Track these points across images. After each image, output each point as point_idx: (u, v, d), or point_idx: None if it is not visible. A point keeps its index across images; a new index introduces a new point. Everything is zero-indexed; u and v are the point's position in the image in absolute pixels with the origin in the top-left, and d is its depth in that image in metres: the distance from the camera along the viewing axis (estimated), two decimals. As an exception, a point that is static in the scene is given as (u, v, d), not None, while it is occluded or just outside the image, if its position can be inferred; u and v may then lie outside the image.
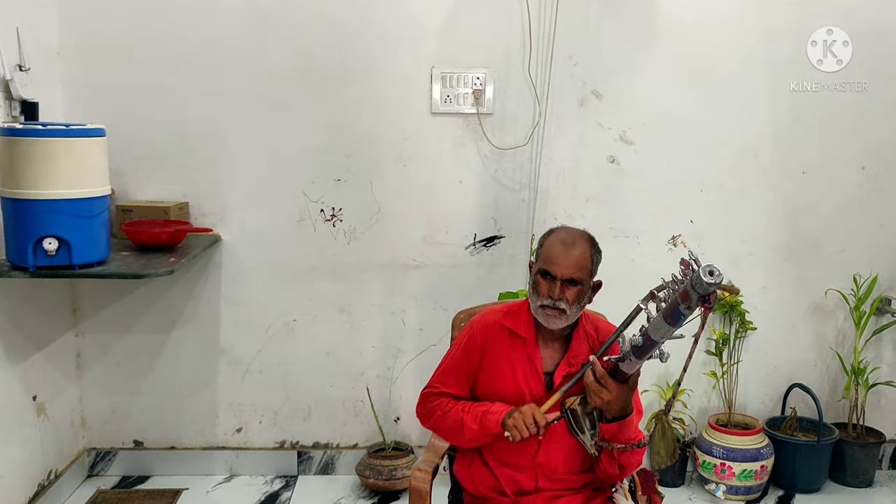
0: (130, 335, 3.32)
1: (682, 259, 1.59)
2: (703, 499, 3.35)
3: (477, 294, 3.34)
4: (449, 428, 2.10)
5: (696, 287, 1.54)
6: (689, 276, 1.57)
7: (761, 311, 3.47)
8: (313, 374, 3.42)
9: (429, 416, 2.15)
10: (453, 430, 2.08)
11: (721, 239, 3.39)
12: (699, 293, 1.55)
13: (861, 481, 3.48)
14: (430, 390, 2.17)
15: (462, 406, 2.08)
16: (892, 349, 3.59)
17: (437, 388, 2.15)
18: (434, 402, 2.14)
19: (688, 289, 1.56)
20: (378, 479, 3.23)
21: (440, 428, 2.13)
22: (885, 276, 3.49)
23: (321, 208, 3.30)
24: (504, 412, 1.97)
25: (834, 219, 3.45)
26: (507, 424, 1.94)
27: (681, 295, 1.59)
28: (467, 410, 2.06)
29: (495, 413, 1.99)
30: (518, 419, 1.92)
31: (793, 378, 3.54)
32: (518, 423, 1.91)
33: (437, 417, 2.11)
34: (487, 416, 2.00)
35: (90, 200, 2.59)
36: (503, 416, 1.97)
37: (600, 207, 3.36)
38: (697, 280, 1.53)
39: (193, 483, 3.35)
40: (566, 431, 2.02)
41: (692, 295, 1.56)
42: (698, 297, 1.57)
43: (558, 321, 2.01)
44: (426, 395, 2.18)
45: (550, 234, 2.07)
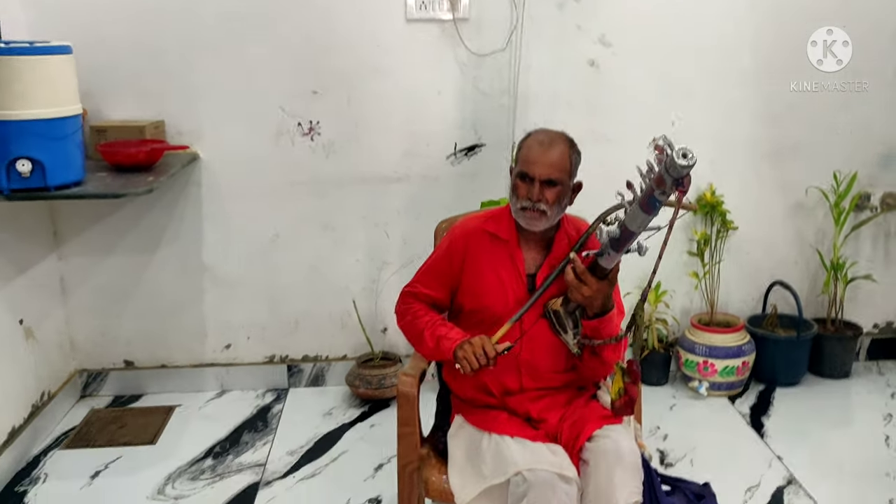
0: (113, 257, 3.31)
1: (656, 144, 1.58)
2: (687, 396, 3.44)
3: (459, 204, 3.33)
4: (413, 336, 2.14)
5: (671, 171, 1.54)
6: (663, 162, 1.56)
7: (743, 211, 3.48)
8: (299, 289, 3.44)
9: (402, 315, 2.18)
10: (416, 339, 2.13)
11: (702, 140, 3.37)
12: (673, 177, 1.55)
13: (839, 373, 3.58)
14: (410, 289, 2.19)
15: (429, 319, 2.10)
16: (871, 244, 3.64)
17: (416, 287, 2.17)
18: (408, 305, 2.17)
19: (662, 174, 1.56)
20: (368, 388, 3.29)
21: (407, 332, 2.17)
22: (865, 172, 3.50)
23: (298, 122, 3.25)
24: (458, 341, 1.99)
25: (815, 118, 3.43)
26: (457, 356, 1.96)
27: (655, 181, 1.59)
28: (430, 326, 2.08)
29: (451, 340, 2.01)
30: (468, 351, 1.93)
31: (774, 276, 3.60)
32: (468, 355, 1.93)
33: (407, 321, 2.15)
34: (443, 341, 2.02)
35: (61, 120, 2.54)
36: (455, 346, 1.98)
37: (581, 112, 3.33)
38: (671, 163, 1.53)
39: (186, 399, 3.41)
40: (549, 332, 2.05)
41: (666, 179, 1.56)
42: (672, 182, 1.56)
43: (539, 223, 2.01)
44: (406, 293, 2.20)
45: (528, 137, 2.05)
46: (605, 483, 1.83)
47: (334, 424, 3.21)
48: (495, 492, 1.91)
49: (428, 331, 2.07)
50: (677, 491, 2.05)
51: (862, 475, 2.82)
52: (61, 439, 3.08)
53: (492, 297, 2.08)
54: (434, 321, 2.10)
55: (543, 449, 1.94)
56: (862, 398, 3.43)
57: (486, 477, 1.92)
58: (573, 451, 1.95)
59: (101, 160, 2.97)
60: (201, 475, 2.83)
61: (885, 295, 3.71)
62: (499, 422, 2.05)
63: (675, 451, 2.98)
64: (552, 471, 1.85)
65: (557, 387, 2.11)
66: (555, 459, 1.89)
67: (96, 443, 3.05)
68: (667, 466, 2.86)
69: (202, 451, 3.00)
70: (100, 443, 3.05)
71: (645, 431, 3.08)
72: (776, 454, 2.95)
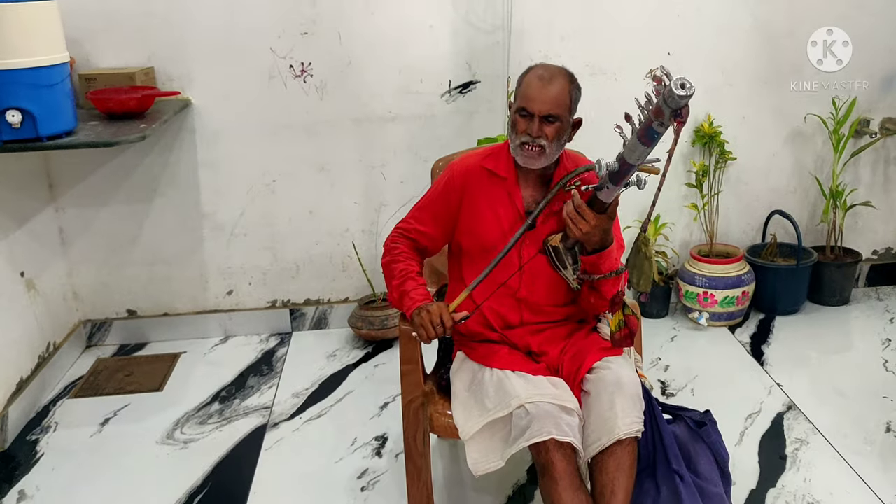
0: (111, 207, 3.30)
1: (654, 75, 1.56)
2: (687, 327, 3.46)
3: (456, 142, 3.31)
4: (386, 279, 2.13)
5: (669, 102, 1.52)
6: (661, 93, 1.54)
7: (741, 141, 3.46)
8: (298, 233, 3.44)
9: (387, 252, 2.16)
10: (387, 283, 2.12)
11: (700, 69, 3.33)
12: (671, 108, 1.53)
13: (838, 300, 3.60)
14: (404, 225, 2.18)
15: (402, 268, 2.08)
16: (870, 170, 3.62)
17: (411, 224, 2.16)
18: (394, 244, 2.15)
19: (660, 105, 1.54)
20: (371, 329, 3.32)
21: (384, 273, 2.15)
22: (864, 98, 3.46)
23: (290, 64, 3.20)
24: (418, 304, 1.97)
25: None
26: (414, 322, 1.95)
27: (653, 112, 1.57)
28: (400, 276, 2.07)
29: (412, 300, 1.99)
30: (425, 318, 1.92)
31: (773, 205, 3.59)
32: (425, 322, 1.91)
33: (386, 262, 2.14)
34: (405, 299, 2.02)
35: (49, 69, 2.50)
36: (414, 309, 1.97)
37: (576, 45, 3.28)
38: (669, 94, 1.51)
39: (190, 346, 3.44)
40: (548, 268, 2.05)
41: (665, 110, 1.54)
42: (671, 112, 1.55)
43: (538, 160, 1.99)
44: (398, 229, 2.18)
45: (528, 72, 2.01)
46: (607, 412, 1.86)
47: (339, 366, 3.24)
48: (498, 425, 1.94)
49: (396, 280, 2.07)
50: (678, 419, 2.08)
51: (860, 399, 2.85)
52: (69, 388, 3.12)
53: (489, 235, 2.08)
54: (406, 272, 2.07)
55: (545, 382, 1.96)
56: (861, 324, 3.46)
57: (488, 410, 1.94)
58: (574, 383, 1.97)
59: (92, 109, 2.94)
60: (209, 419, 2.87)
61: (885, 221, 3.71)
62: (500, 356, 2.07)
63: (677, 381, 3.01)
64: (554, 402, 1.87)
65: (557, 320, 2.13)
66: (556, 392, 1.92)
67: (104, 391, 3.09)
68: (668, 396, 2.90)
69: (209, 396, 3.04)
70: (108, 391, 3.09)
71: (646, 363, 3.11)
72: (776, 381, 2.99)
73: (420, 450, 2.19)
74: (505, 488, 2.44)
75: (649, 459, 1.97)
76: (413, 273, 2.08)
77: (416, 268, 2.10)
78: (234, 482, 2.52)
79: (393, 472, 2.53)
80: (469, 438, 1.96)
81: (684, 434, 2.04)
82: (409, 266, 2.09)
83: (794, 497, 2.35)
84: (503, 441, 1.93)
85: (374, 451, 2.65)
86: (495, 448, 1.94)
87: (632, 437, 1.85)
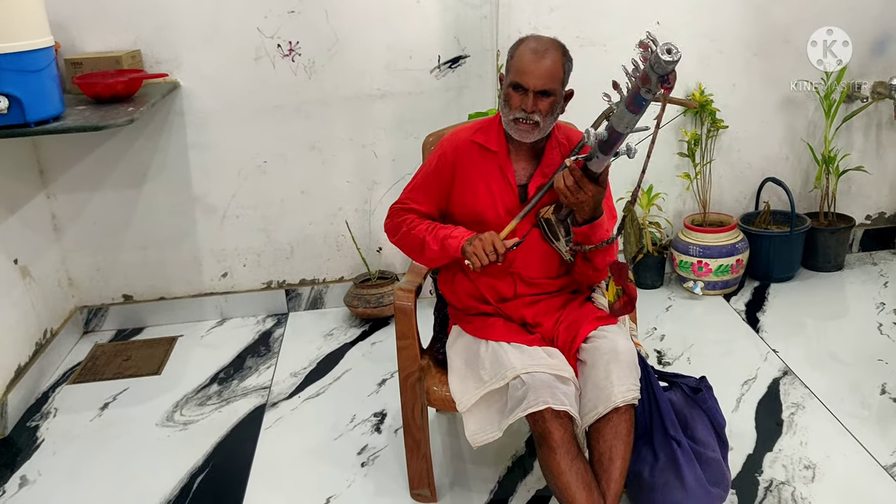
0: (102, 192, 3.29)
1: (640, 41, 1.55)
2: (682, 296, 3.47)
3: (446, 118, 3.30)
4: (411, 245, 2.12)
5: (656, 67, 1.52)
6: (648, 59, 1.54)
7: (733, 109, 3.46)
8: (291, 214, 3.43)
9: (395, 230, 2.16)
10: (415, 247, 2.11)
11: (689, 38, 3.32)
12: (658, 74, 1.53)
13: (832, 265, 3.61)
14: (400, 205, 2.18)
15: (426, 225, 2.09)
16: (862, 135, 3.62)
17: (407, 204, 2.16)
18: (401, 218, 2.15)
19: (647, 71, 1.54)
20: (367, 307, 3.32)
21: (404, 244, 2.15)
22: (855, 62, 3.45)
23: (278, 43, 3.18)
24: (466, 237, 1.98)
25: (803, 8, 3.36)
26: (466, 251, 1.95)
27: (640, 78, 1.57)
28: (430, 231, 2.07)
29: (456, 238, 2.00)
30: (478, 246, 1.93)
31: (766, 173, 3.59)
32: (478, 250, 1.92)
33: (403, 233, 2.13)
34: (448, 240, 2.01)
35: (33, 53, 2.48)
36: (464, 241, 1.97)
37: (565, 16, 3.26)
38: (656, 60, 1.50)
39: (187, 330, 3.44)
40: (541, 240, 2.05)
41: (652, 77, 1.54)
42: (658, 78, 1.54)
43: (531, 134, 1.98)
44: (395, 209, 2.18)
45: (520, 45, 1.99)
46: (603, 380, 1.87)
47: (336, 344, 3.25)
48: (495, 396, 1.96)
49: (429, 235, 2.06)
50: (674, 387, 2.10)
51: (856, 362, 2.87)
52: (68, 374, 3.13)
53: (482, 209, 2.08)
54: (433, 226, 2.08)
55: (540, 352, 1.97)
56: (855, 288, 3.47)
57: (485, 382, 1.95)
58: (570, 353, 1.98)
59: (79, 93, 2.93)
60: (208, 401, 2.88)
61: (877, 185, 3.71)
62: (495, 329, 2.08)
63: (673, 350, 3.03)
64: (550, 372, 1.88)
65: (551, 292, 2.13)
66: (552, 362, 1.92)
67: (103, 376, 3.10)
68: (665, 366, 2.91)
69: (207, 377, 3.05)
70: (106, 376, 3.10)
71: (641, 333, 3.13)
72: (772, 348, 3.00)
73: (418, 423, 2.20)
74: (504, 460, 2.46)
75: (646, 427, 1.98)
76: (439, 225, 2.08)
77: (436, 222, 2.11)
78: (235, 461, 2.53)
79: (392, 447, 2.55)
80: (466, 411, 1.98)
81: (680, 401, 2.06)
82: (429, 223, 2.10)
83: (791, 461, 2.37)
84: (500, 412, 1.95)
85: (373, 427, 2.67)
86: (492, 419, 1.96)
87: (628, 404, 1.86)
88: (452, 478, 2.40)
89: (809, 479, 2.28)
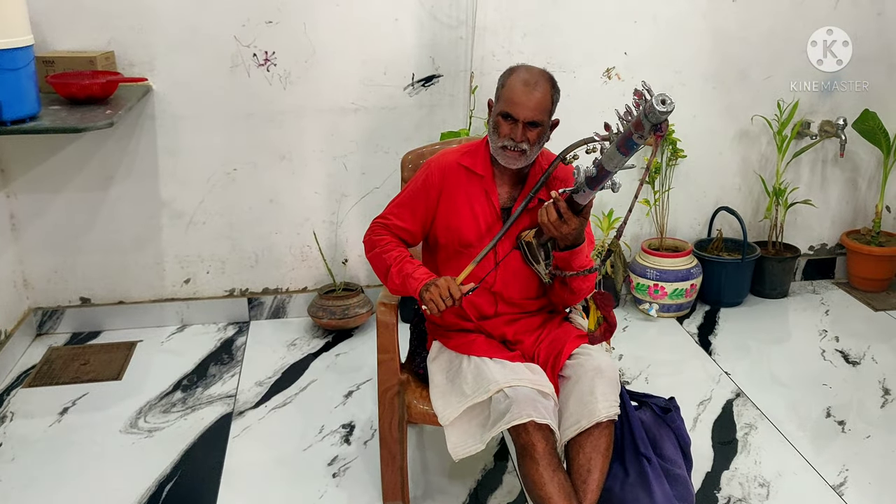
0: (66, 193, 3.24)
1: (636, 90, 1.64)
2: (638, 318, 3.59)
3: (418, 135, 3.36)
4: (380, 268, 2.15)
5: (650, 116, 1.60)
6: (642, 107, 1.62)
7: (691, 139, 3.60)
8: (258, 222, 3.43)
9: (371, 246, 2.18)
10: (382, 272, 2.14)
11: (654, 68, 3.44)
12: (652, 122, 1.61)
13: (778, 292, 3.78)
14: (382, 220, 2.20)
15: (397, 254, 2.11)
16: (809, 170, 3.80)
17: (389, 220, 2.18)
18: (378, 236, 2.17)
19: (641, 118, 1.62)
20: (332, 318, 3.34)
21: (374, 265, 2.17)
22: (806, 100, 3.64)
23: (254, 53, 3.19)
24: (425, 281, 2.01)
25: (762, 46, 3.53)
26: (423, 297, 1.99)
27: (634, 125, 1.65)
28: (397, 262, 2.09)
29: (417, 280, 2.03)
30: (434, 293, 1.96)
31: (720, 202, 3.74)
32: (434, 297, 1.96)
33: (375, 253, 2.16)
34: (409, 280, 2.04)
35: (12, 52, 2.46)
36: (421, 287, 2.01)
37: (537, 43, 3.35)
38: (650, 109, 1.59)
39: (146, 335, 3.40)
40: (522, 262, 2.12)
41: (645, 124, 1.62)
42: (651, 126, 1.63)
43: (518, 161, 2.06)
44: (377, 224, 2.21)
45: (511, 74, 2.06)
46: (588, 395, 1.94)
47: (300, 355, 3.25)
48: (476, 409, 2.01)
49: (395, 267, 2.09)
50: (644, 406, 2.18)
51: (801, 386, 3.02)
52: (22, 378, 3.05)
53: (466, 231, 2.13)
54: (401, 257, 2.11)
55: (522, 367, 2.03)
56: (799, 315, 3.64)
57: (468, 396, 2.01)
58: (552, 370, 2.05)
59: (52, 92, 2.88)
60: (172, 408, 2.86)
61: (821, 218, 3.91)
62: (477, 345, 2.13)
63: (631, 370, 3.13)
64: (532, 387, 1.94)
65: (531, 311, 2.20)
66: (534, 377, 1.99)
67: (60, 380, 3.04)
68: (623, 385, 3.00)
69: (170, 384, 3.02)
70: (64, 380, 3.04)
71: (602, 352, 3.22)
72: (724, 370, 3.13)
73: (395, 436, 2.24)
74: (474, 473, 2.51)
75: (618, 444, 2.06)
76: (407, 256, 2.11)
77: (407, 253, 2.14)
78: (204, 470, 2.52)
79: (363, 458, 2.57)
80: (449, 424, 2.02)
81: (650, 420, 2.14)
82: (401, 252, 2.12)
83: (746, 478, 2.48)
84: (481, 426, 2.00)
85: (342, 439, 2.68)
86: (474, 432, 2.01)
87: (610, 419, 1.94)
88: (424, 490, 2.44)
89: (764, 497, 2.40)
